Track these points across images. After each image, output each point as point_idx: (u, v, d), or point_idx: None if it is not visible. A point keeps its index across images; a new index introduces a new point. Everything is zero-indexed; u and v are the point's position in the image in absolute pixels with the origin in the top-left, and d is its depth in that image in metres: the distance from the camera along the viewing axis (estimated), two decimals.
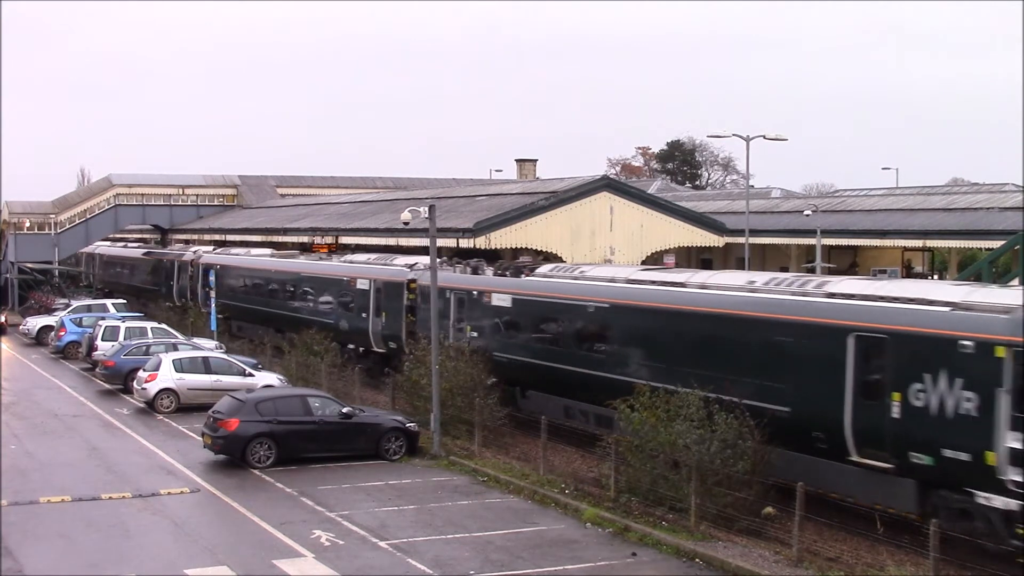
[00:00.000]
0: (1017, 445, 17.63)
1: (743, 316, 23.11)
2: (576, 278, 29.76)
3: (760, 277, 25.19)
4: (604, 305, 27.38)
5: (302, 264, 45.97)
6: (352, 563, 18.38)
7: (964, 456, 18.47)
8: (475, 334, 31.75)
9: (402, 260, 38.61)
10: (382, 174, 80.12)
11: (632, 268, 31.18)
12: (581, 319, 28.15)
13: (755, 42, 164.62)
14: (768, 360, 22.20)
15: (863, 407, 20.26)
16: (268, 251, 52.86)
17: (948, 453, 18.76)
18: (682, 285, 26.08)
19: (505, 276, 32.34)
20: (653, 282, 27.12)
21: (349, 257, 44.12)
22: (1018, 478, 17.68)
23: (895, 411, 19.57)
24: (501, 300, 31.18)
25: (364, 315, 38.01)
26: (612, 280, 28.33)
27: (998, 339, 18.06)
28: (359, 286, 38.55)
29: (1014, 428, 17.66)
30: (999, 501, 18.10)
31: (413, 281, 35.66)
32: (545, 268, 32.20)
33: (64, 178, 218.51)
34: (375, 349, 37.54)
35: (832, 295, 21.93)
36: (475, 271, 33.87)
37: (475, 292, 31.77)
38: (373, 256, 42.39)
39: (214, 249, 58.93)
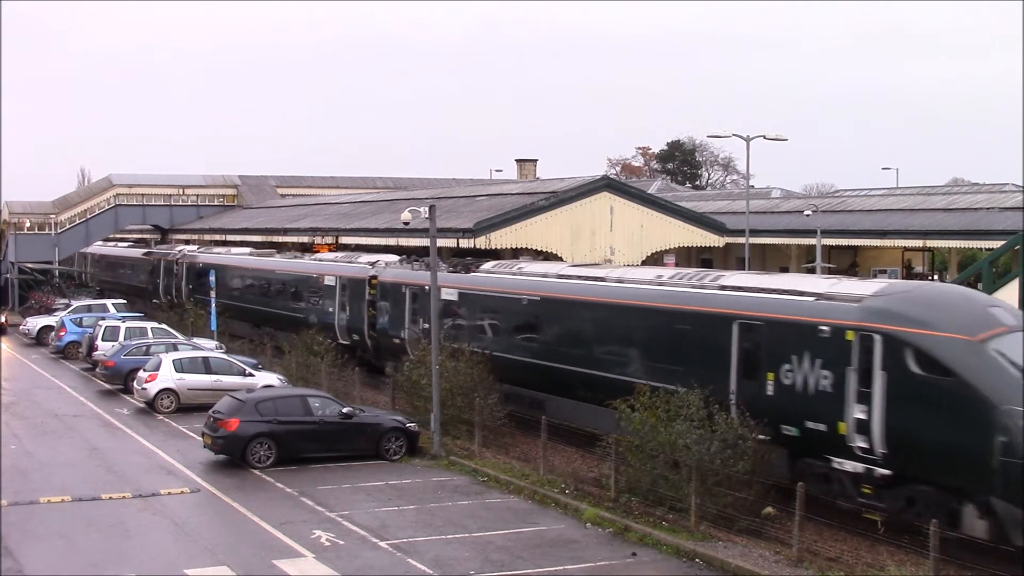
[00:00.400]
0: (862, 416, 20.13)
1: (649, 307, 25.73)
2: (514, 274, 31.99)
3: (667, 272, 27.97)
4: (536, 298, 29.81)
5: (276, 262, 48.13)
6: (352, 563, 18.39)
7: (822, 427, 20.88)
8: (427, 326, 32.66)
9: (365, 258, 40.72)
10: (382, 174, 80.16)
11: (563, 265, 33.09)
12: (517, 311, 30.31)
13: (755, 42, 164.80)
14: (670, 345, 24.79)
15: (745, 385, 22.65)
16: (247, 250, 54.62)
17: (810, 424, 21.17)
18: (602, 280, 28.55)
19: (456, 272, 34.14)
20: (578, 277, 29.48)
21: (318, 256, 46.55)
22: (863, 444, 20.19)
23: (769, 389, 21.97)
24: (449, 294, 33.10)
25: (331, 309, 40.62)
26: (544, 275, 30.46)
27: (848, 324, 20.52)
28: (326, 283, 41.20)
29: (860, 401, 20.15)
30: (849, 465, 20.64)
31: (375, 277, 38.09)
32: (489, 264, 34.24)
33: (64, 178, 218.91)
34: (341, 341, 39.35)
35: (724, 287, 24.37)
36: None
37: (427, 287, 32.14)
38: (340, 255, 44.58)
39: (198, 248, 60.68)
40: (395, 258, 39.42)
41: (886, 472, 20.10)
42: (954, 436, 18.79)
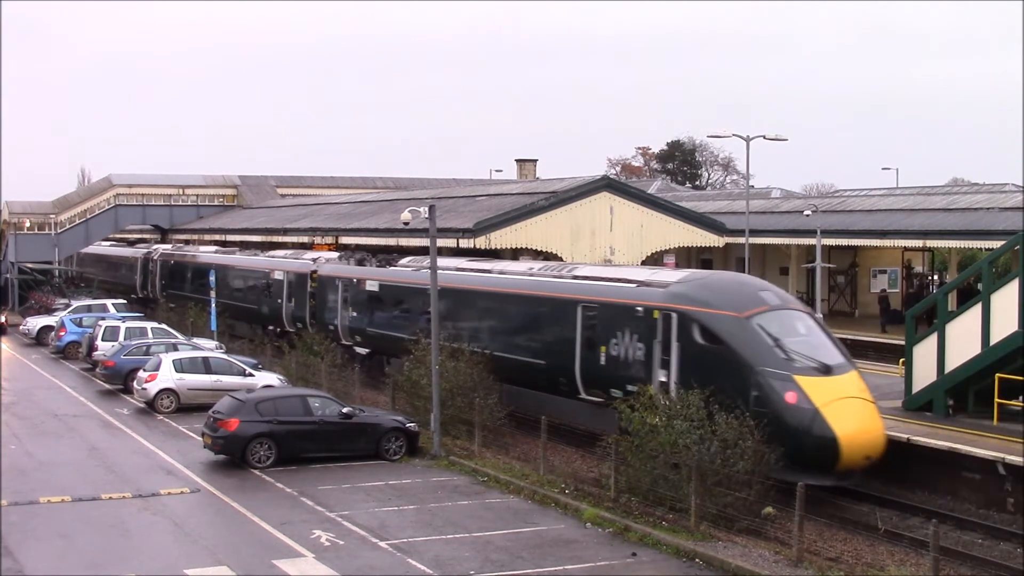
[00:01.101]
0: (663, 379, 24.75)
1: (521, 293, 30.73)
2: (420, 268, 36.34)
3: (536, 265, 32.63)
4: (417, 287, 34.71)
5: (235, 259, 53.90)
6: (352, 563, 18.39)
7: (639, 388, 24.58)
8: (355, 314, 38.91)
9: (309, 255, 46.24)
10: (382, 174, 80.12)
11: (462, 260, 37.03)
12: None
13: (755, 42, 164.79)
14: (536, 324, 29.60)
15: (586, 358, 27.45)
16: (213, 248, 60.65)
17: (630, 388, 25.10)
18: (488, 272, 33.49)
19: (381, 267, 39.12)
20: (470, 269, 34.37)
21: (271, 253, 51.97)
22: (667, 401, 23.93)
23: (603, 360, 26.85)
24: (372, 286, 38.43)
25: (279, 301, 45.45)
26: (445, 268, 33.44)
27: (656, 306, 25.45)
28: (276, 277, 46.14)
29: (662, 367, 24.90)
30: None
31: (315, 272, 42.76)
32: (405, 260, 39.13)
33: (64, 178, 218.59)
34: (287, 329, 44.34)
35: (576, 276, 29.27)
36: (360, 263, 40.56)
37: (355, 280, 39.14)
38: (289, 252, 50.17)
39: (172, 247, 65.84)
40: (335, 255, 44.40)
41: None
42: (724, 395, 22.57)
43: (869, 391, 23.99)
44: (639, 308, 25.81)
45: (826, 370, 23.34)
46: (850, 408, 22.83)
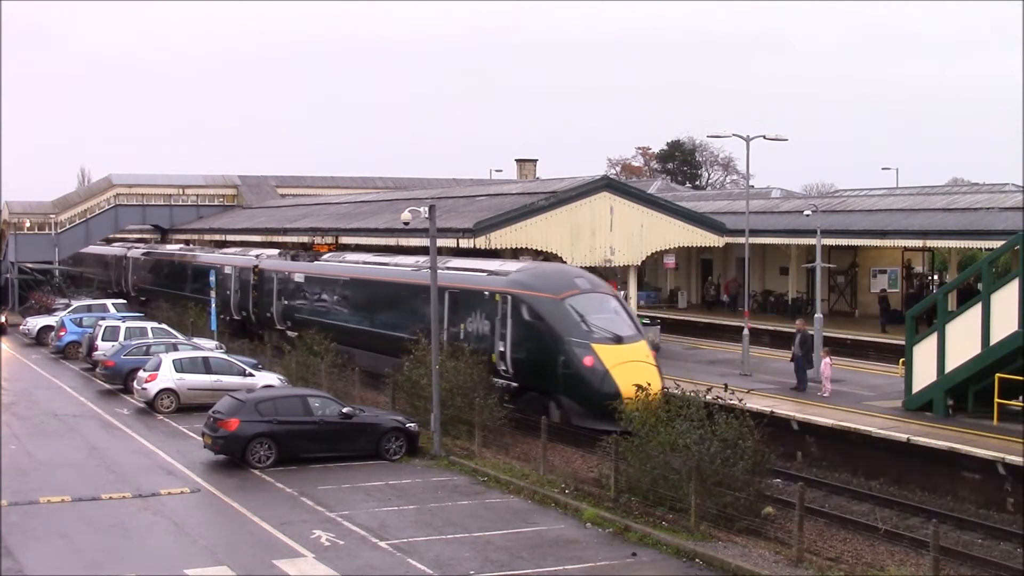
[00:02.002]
0: (503, 349, 30.65)
1: (405, 282, 37.02)
2: (340, 261, 43.72)
3: (422, 259, 36.41)
4: (346, 278, 41.61)
5: (193, 256, 59.96)
6: (352, 563, 18.39)
7: (487, 358, 30.13)
8: (286, 302, 45.28)
9: (255, 252, 52.57)
10: (382, 174, 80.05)
11: (371, 255, 43.05)
12: (338, 288, 41.31)
13: (755, 42, 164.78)
14: (418, 308, 34.14)
15: (452, 334, 32.66)
16: (178, 247, 67.11)
17: (482, 356, 30.16)
18: (384, 265, 39.93)
19: (306, 262, 45.53)
20: (373, 263, 41.05)
21: (223, 250, 58.36)
22: (503, 368, 30.63)
23: (462, 334, 32.61)
24: (299, 278, 44.83)
25: (228, 292, 50.92)
26: (354, 263, 41.84)
27: (498, 290, 31.39)
28: (226, 271, 52.27)
29: (501, 340, 30.72)
30: (501, 382, 30.26)
31: (257, 267, 48.91)
32: (327, 255, 45.74)
33: (64, 178, 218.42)
34: (235, 317, 50.14)
35: (447, 268, 34.21)
36: (294, 258, 47.18)
37: (287, 273, 45.66)
38: (239, 249, 56.50)
39: (145, 247, 73.12)
40: (276, 251, 50.96)
41: (515, 384, 30.42)
42: (542, 359, 29.20)
43: (654, 356, 29.86)
44: (487, 292, 32.02)
45: (618, 340, 29.18)
46: (632, 369, 27.96)
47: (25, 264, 67.17)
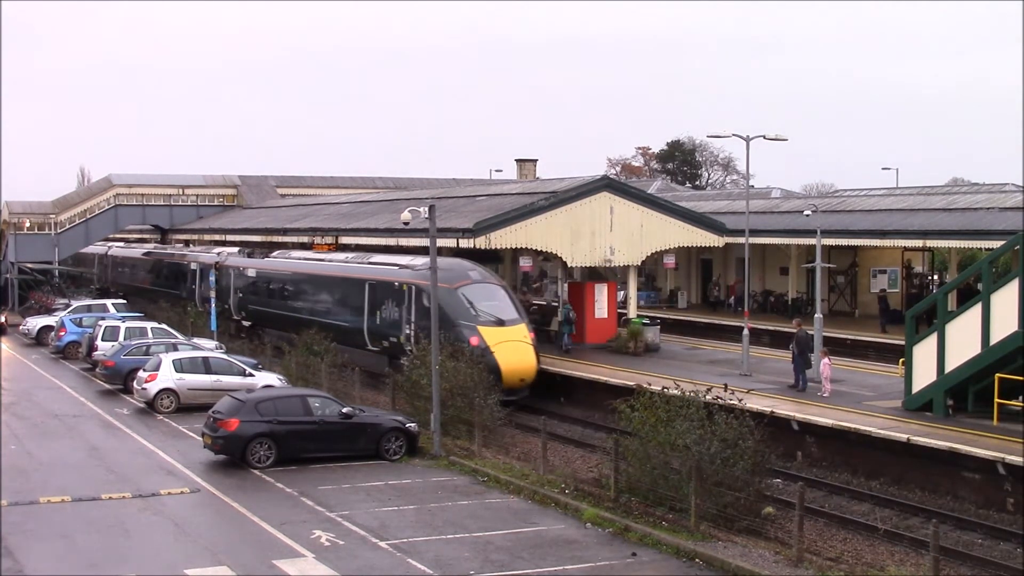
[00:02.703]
0: (408, 332, 35.95)
1: (337, 276, 42.58)
2: (286, 258, 49.52)
3: (350, 255, 44.35)
4: (289, 273, 47.17)
5: (162, 253, 66.68)
6: (352, 563, 18.39)
7: (395, 339, 36.83)
8: (241, 295, 50.51)
9: (217, 250, 57.77)
10: (382, 174, 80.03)
11: (310, 252, 49.57)
12: (283, 281, 46.86)
13: (755, 42, 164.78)
14: (348, 298, 40.10)
15: (369, 319, 38.73)
16: (151, 246, 73.86)
17: (392, 339, 37.12)
18: (320, 260, 46.20)
19: (257, 258, 51.42)
20: (312, 259, 47.24)
21: (189, 249, 64.66)
22: (409, 348, 34.53)
23: (378, 320, 38.08)
24: (251, 273, 50.40)
25: (193, 286, 56.23)
26: (297, 259, 48.47)
27: (405, 281, 36.68)
28: (192, 267, 57.53)
29: (406, 323, 36.20)
30: (406, 360, 32.59)
31: (218, 263, 53.65)
32: (276, 252, 52.21)
33: (64, 178, 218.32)
34: (199, 309, 53.39)
35: (369, 263, 40.82)
36: (249, 255, 53.07)
37: (242, 268, 51.43)
38: (202, 248, 63.10)
39: (122, 246, 78.61)
40: (236, 250, 56.06)
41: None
42: (442, 337, 30.81)
43: (532, 337, 34.66)
44: (397, 283, 37.22)
45: (500, 323, 34.30)
46: (511, 348, 33.48)
47: (25, 264, 67.14)
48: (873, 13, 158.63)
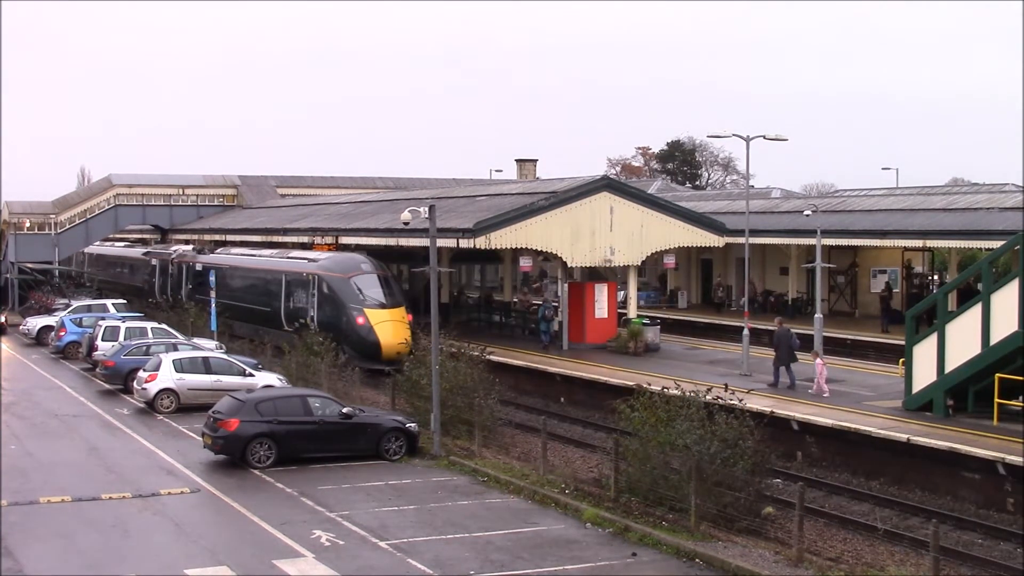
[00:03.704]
0: (313, 315, 41.93)
1: (259, 268, 49.24)
2: (227, 254, 55.53)
3: (275, 251, 51.71)
4: (226, 267, 52.10)
5: (129, 252, 74.38)
6: (352, 563, 18.39)
7: (304, 321, 42.26)
8: (191, 287, 56.36)
9: (175, 247, 63.86)
10: (382, 174, 79.98)
11: (247, 249, 55.77)
12: (225, 274, 51.03)
13: (755, 42, 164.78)
14: (273, 288, 46.19)
15: (286, 305, 44.93)
16: (123, 244, 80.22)
17: (301, 320, 42.73)
18: (253, 256, 52.17)
19: (204, 255, 57.14)
20: (245, 255, 53.21)
21: (151, 247, 72.16)
22: (314, 328, 40.23)
23: (292, 306, 44.39)
24: (198, 267, 55.60)
25: (155, 280, 62.57)
26: (234, 255, 54.28)
27: (312, 272, 43.05)
28: (152, 263, 63.83)
29: (312, 308, 42.17)
30: (309, 337, 38.58)
31: (173, 259, 60.08)
32: (220, 249, 58.37)
33: (64, 178, 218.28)
34: (158, 299, 59.52)
35: (288, 258, 47.57)
36: (199, 252, 58.52)
37: (191, 263, 57.15)
38: (161, 246, 69.50)
39: (98, 244, 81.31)
40: (190, 247, 61.79)
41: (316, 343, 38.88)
42: (335, 320, 40.48)
43: (409, 318, 40.57)
44: (304, 274, 43.74)
45: (383, 305, 40.40)
46: (390, 326, 39.61)
47: (25, 264, 67.13)
48: (873, 14, 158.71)
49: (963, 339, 27.09)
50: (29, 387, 37.88)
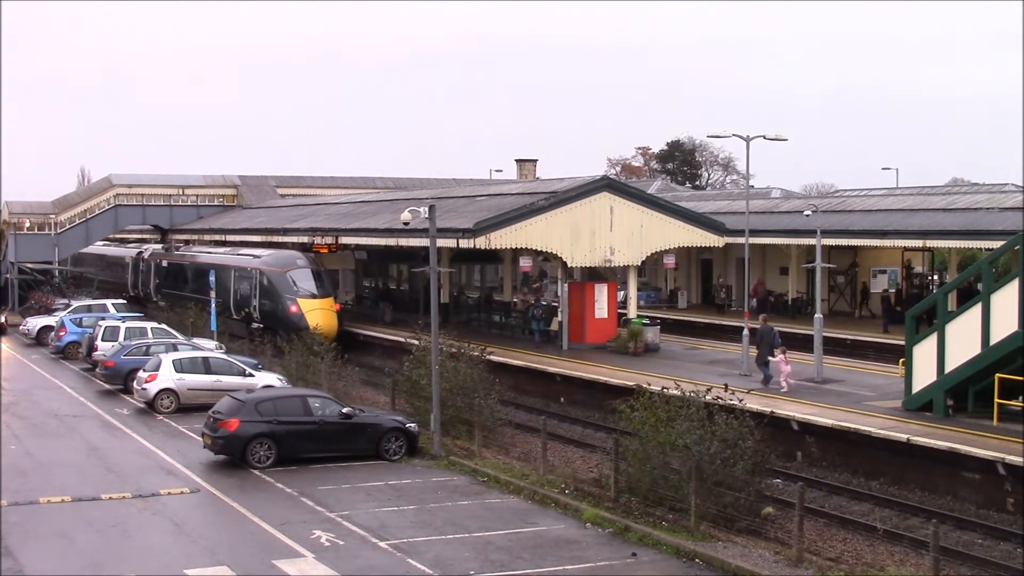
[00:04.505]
0: (256, 304, 48.73)
1: (212, 263, 54.29)
2: (187, 252, 62.45)
3: (227, 249, 58.14)
4: (187, 263, 59.64)
5: (103, 250, 79.87)
6: (352, 563, 18.40)
7: (249, 311, 49.16)
8: (158, 281, 63.92)
9: (146, 246, 72.61)
10: (382, 174, 79.99)
11: (206, 247, 62.90)
12: (184, 270, 59.48)
13: (756, 42, 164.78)
14: (220, 281, 48.69)
15: (235, 296, 50.86)
16: (102, 243, 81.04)
17: (246, 310, 49.49)
18: (208, 253, 58.71)
19: (169, 252, 65.14)
20: (202, 253, 60.01)
21: (126, 246, 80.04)
22: (256, 316, 48.99)
23: (239, 296, 50.67)
24: (164, 264, 63.72)
25: (126, 275, 70.32)
26: (192, 252, 61.33)
27: (256, 268, 49.26)
28: (125, 260, 72.26)
29: (255, 299, 48.67)
30: (256, 325, 49.06)
31: (143, 256, 67.89)
32: (183, 248, 64.74)
33: (64, 178, 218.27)
34: (130, 292, 66.82)
35: (237, 254, 53.87)
36: (166, 250, 66.38)
37: (159, 260, 65.12)
38: (133, 244, 78.72)
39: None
40: (160, 246, 69.85)
41: (262, 326, 47.88)
42: (273, 309, 47.15)
43: (337, 307, 47.79)
44: (249, 269, 50.30)
45: (313, 296, 46.61)
46: (319, 313, 45.69)
47: (25, 264, 67.13)
48: (873, 14, 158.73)
49: (963, 339, 27.08)
50: (29, 387, 37.89)
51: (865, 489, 25.14)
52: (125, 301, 56.61)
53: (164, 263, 63.49)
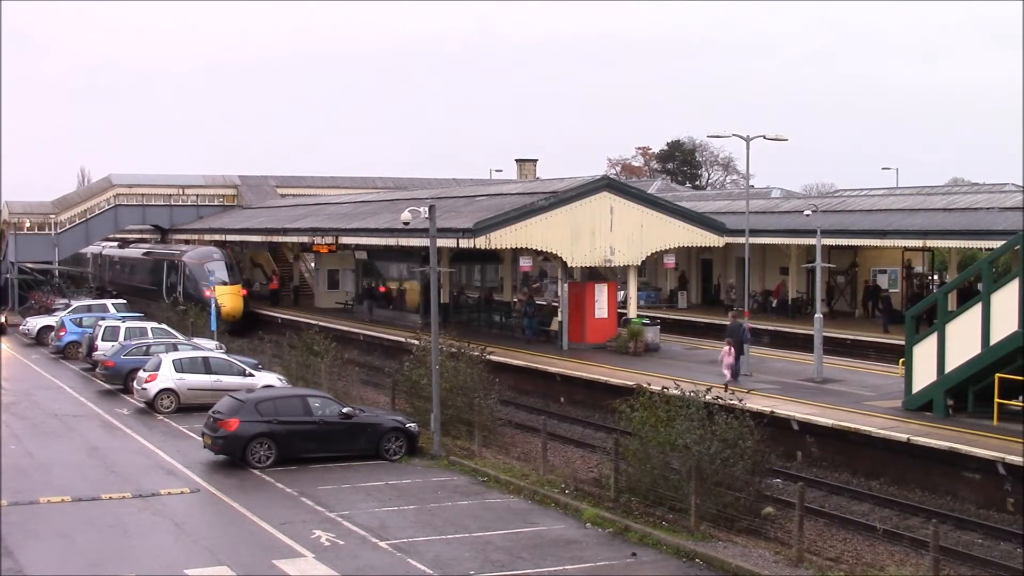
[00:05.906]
0: (180, 289, 59.11)
1: (143, 257, 68.04)
2: (133, 248, 73.10)
3: (162, 245, 70.44)
4: (132, 258, 69.44)
5: (86, 248, 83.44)
6: (352, 563, 18.39)
7: (175, 295, 58.50)
8: (110, 273, 73.09)
9: (105, 244, 78.86)
10: (382, 174, 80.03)
11: (146, 244, 74.39)
12: (130, 263, 69.48)
13: (755, 43, 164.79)
14: (151, 271, 63.16)
15: (166, 283, 60.98)
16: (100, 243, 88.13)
17: (174, 295, 58.67)
18: (151, 248, 68.33)
19: (122, 249, 74.99)
20: (143, 248, 70.66)
21: (98, 244, 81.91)
22: (180, 298, 58.08)
23: (168, 283, 60.67)
24: (116, 258, 73.68)
25: (90, 269, 77.53)
26: (136, 248, 72.10)
27: (177, 260, 60.78)
28: (87, 256, 78.87)
29: (180, 284, 60.16)
30: (182, 304, 55.68)
31: (103, 252, 76.75)
32: (132, 245, 75.61)
33: (64, 178, 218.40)
34: (93, 287, 70.47)
35: (165, 249, 65.88)
36: (120, 246, 76.07)
37: (113, 256, 75.07)
38: (100, 243, 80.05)
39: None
40: (116, 244, 77.99)
41: (184, 307, 52.86)
42: (192, 294, 56.38)
43: (244, 293, 57.91)
44: (174, 261, 60.21)
45: (224, 283, 55.12)
46: (228, 297, 53.83)
47: (25, 264, 67.16)
48: (873, 14, 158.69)
49: (963, 339, 27.08)
50: (29, 387, 37.90)
51: (865, 489, 25.13)
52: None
53: (115, 258, 75.39)
